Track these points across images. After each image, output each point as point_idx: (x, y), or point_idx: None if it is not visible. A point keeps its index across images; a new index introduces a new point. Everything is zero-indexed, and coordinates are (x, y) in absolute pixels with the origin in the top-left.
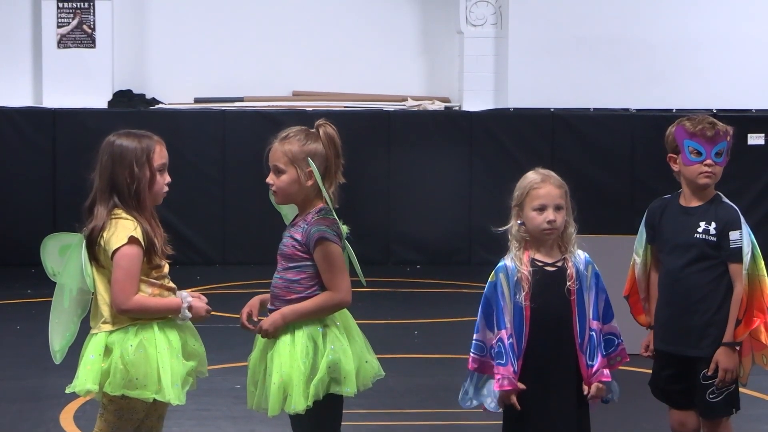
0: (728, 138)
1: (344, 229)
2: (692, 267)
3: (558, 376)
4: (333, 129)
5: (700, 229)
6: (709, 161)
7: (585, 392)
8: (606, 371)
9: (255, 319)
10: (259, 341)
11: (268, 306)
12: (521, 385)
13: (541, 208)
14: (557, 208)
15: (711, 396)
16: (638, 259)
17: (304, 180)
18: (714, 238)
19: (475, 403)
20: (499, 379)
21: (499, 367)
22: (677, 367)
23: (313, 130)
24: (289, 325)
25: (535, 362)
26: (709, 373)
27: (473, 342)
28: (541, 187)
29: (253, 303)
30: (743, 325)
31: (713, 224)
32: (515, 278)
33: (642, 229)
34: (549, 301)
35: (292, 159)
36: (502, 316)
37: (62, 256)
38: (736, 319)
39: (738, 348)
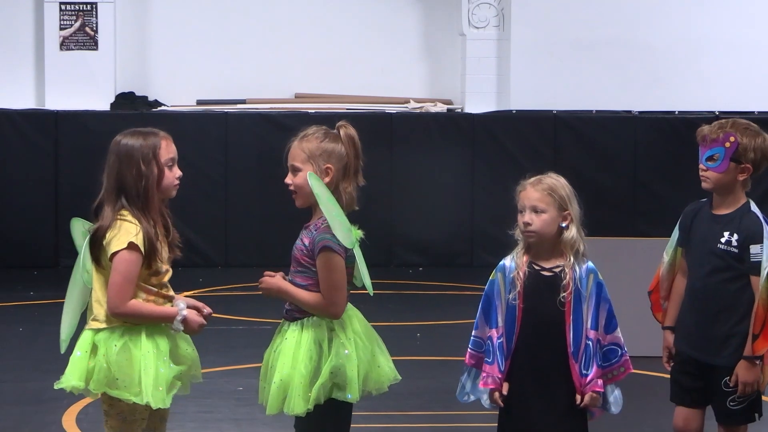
0: (726, 143)
1: (357, 233)
2: (716, 276)
3: (550, 377)
4: (354, 130)
5: (723, 240)
6: (701, 165)
7: (578, 401)
8: (600, 381)
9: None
10: (275, 338)
11: (286, 306)
12: (505, 386)
13: (521, 210)
14: (534, 210)
15: (732, 404)
16: (666, 259)
17: (321, 177)
18: (736, 250)
19: (472, 398)
20: (484, 377)
21: (485, 365)
22: (698, 370)
23: (334, 131)
24: (297, 326)
25: (528, 362)
26: (731, 384)
27: (472, 338)
28: (523, 189)
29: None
30: (762, 339)
31: (735, 236)
32: (511, 276)
33: (676, 230)
34: (541, 305)
35: (309, 156)
36: (496, 314)
37: (84, 237)
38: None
39: (758, 362)
